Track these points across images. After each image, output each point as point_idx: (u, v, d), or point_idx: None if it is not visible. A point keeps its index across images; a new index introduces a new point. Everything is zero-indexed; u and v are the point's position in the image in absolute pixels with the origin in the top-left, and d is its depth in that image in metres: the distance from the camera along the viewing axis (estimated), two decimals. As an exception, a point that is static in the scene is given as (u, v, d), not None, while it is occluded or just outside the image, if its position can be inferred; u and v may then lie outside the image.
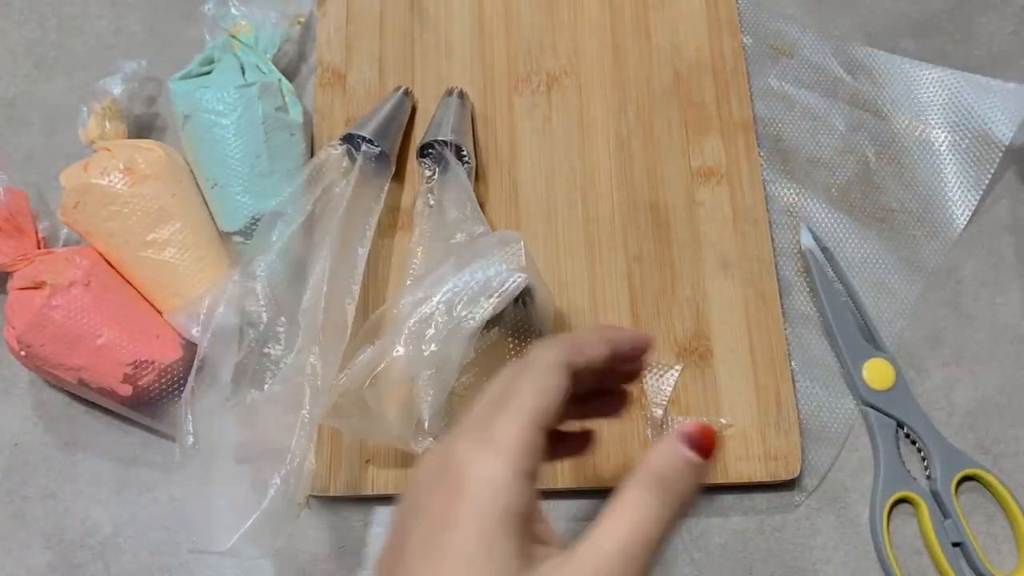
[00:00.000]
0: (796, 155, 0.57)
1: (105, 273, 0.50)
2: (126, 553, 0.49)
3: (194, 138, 0.52)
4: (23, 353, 0.48)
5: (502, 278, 0.44)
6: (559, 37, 0.59)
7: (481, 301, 0.44)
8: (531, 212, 0.54)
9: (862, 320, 0.52)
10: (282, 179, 0.52)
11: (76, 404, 0.52)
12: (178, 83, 0.53)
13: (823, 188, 0.56)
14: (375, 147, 0.52)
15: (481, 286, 0.44)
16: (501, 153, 0.56)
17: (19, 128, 0.58)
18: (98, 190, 0.50)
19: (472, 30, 0.59)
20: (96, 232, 0.50)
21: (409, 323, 0.44)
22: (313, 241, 0.50)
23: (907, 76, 0.57)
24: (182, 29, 0.61)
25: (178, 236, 0.50)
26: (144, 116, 0.58)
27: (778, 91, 0.58)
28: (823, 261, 0.53)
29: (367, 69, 0.58)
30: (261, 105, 0.52)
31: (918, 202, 0.55)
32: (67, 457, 0.51)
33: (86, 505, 0.50)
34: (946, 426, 0.50)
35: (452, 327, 0.43)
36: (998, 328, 0.53)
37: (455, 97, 0.55)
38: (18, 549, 0.49)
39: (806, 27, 0.60)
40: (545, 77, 0.58)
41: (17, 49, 0.61)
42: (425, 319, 0.44)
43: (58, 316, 0.47)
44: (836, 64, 0.59)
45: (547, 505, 0.49)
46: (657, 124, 0.56)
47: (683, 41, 0.58)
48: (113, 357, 0.48)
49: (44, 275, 0.48)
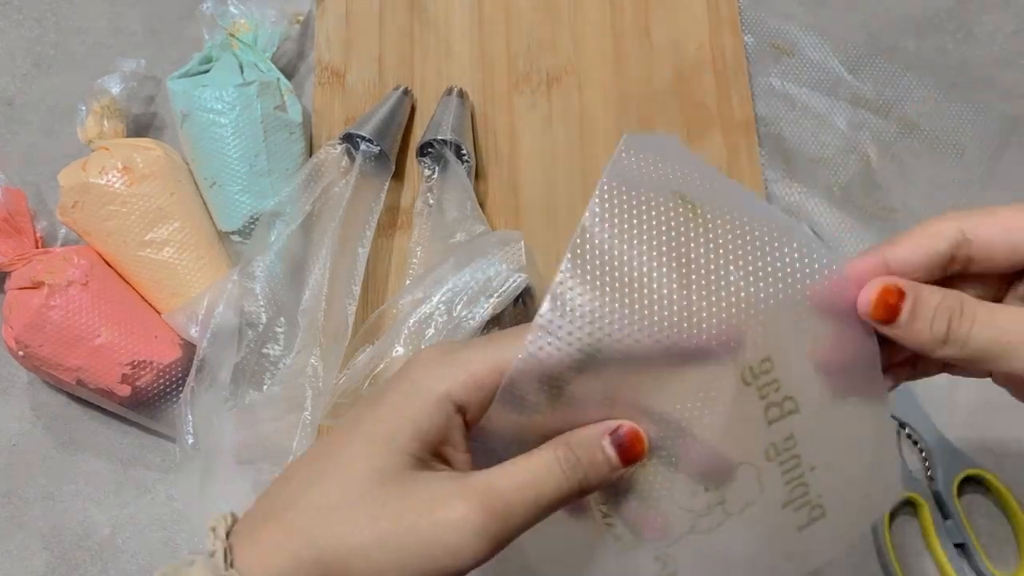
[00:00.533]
0: (797, 154, 0.57)
1: (104, 273, 0.50)
2: (124, 554, 0.49)
3: (193, 137, 0.52)
4: (21, 353, 0.48)
5: (502, 278, 0.43)
6: (559, 36, 0.58)
7: (481, 301, 0.44)
8: (531, 212, 0.54)
9: (863, 320, 0.52)
10: (281, 178, 0.52)
11: (74, 404, 0.52)
12: (177, 82, 0.53)
13: (825, 187, 0.56)
14: (374, 146, 0.52)
15: (481, 286, 0.44)
16: (501, 152, 0.56)
17: (18, 127, 0.58)
18: (97, 189, 0.49)
19: (472, 29, 0.59)
20: (95, 232, 0.50)
21: (409, 323, 0.44)
22: (312, 241, 0.50)
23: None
24: (181, 28, 0.61)
25: (177, 236, 0.50)
26: (143, 115, 0.58)
27: (779, 90, 0.58)
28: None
29: (366, 68, 0.58)
30: (260, 104, 0.52)
31: (920, 201, 0.55)
32: (65, 458, 0.51)
33: (84, 506, 0.50)
34: (948, 426, 0.50)
35: (452, 327, 0.43)
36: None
37: (455, 96, 0.55)
38: (16, 550, 0.49)
39: (807, 26, 0.60)
40: (545, 76, 0.57)
41: (16, 48, 0.60)
42: (425, 319, 0.44)
43: (56, 316, 0.47)
44: (837, 63, 0.58)
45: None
46: (658, 123, 0.56)
47: (684, 40, 0.58)
48: (111, 357, 0.47)
49: (42, 275, 0.48)
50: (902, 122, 0.57)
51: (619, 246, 0.27)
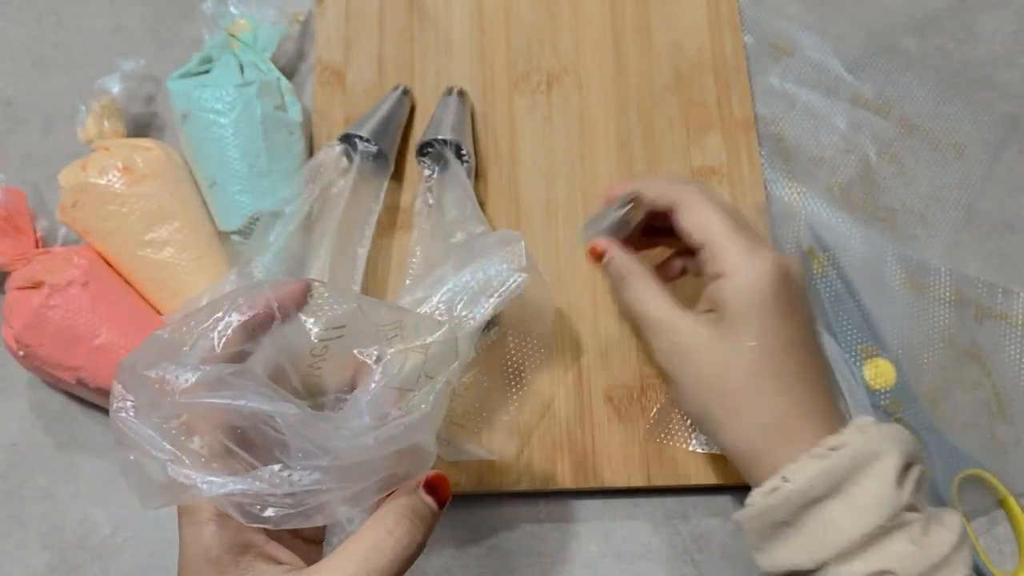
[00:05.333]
0: (797, 154, 0.57)
1: (103, 273, 0.50)
2: (124, 553, 0.49)
3: (192, 137, 0.52)
4: (21, 353, 0.48)
5: (502, 278, 0.43)
6: (559, 35, 0.58)
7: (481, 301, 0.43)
8: (531, 212, 0.54)
9: (863, 320, 0.52)
10: (281, 178, 0.52)
11: (74, 404, 0.52)
12: (177, 82, 0.53)
13: (824, 187, 0.56)
14: (373, 146, 0.52)
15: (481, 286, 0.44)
16: (501, 152, 0.56)
17: (17, 127, 0.58)
18: (96, 189, 0.49)
19: (472, 28, 0.59)
20: (94, 231, 0.50)
21: (409, 323, 0.44)
22: (312, 241, 0.50)
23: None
24: (181, 28, 0.61)
25: (176, 236, 0.50)
26: (142, 115, 0.58)
27: (779, 90, 0.58)
28: (825, 261, 0.53)
29: (366, 68, 0.58)
30: (260, 104, 0.52)
31: (920, 201, 0.55)
32: (65, 457, 0.51)
33: (84, 505, 0.50)
34: (948, 426, 0.50)
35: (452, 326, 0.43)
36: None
37: (455, 96, 0.55)
38: (16, 550, 0.49)
39: (807, 26, 0.60)
40: (545, 76, 0.57)
41: (15, 48, 0.60)
42: (425, 319, 0.44)
43: (56, 316, 0.47)
44: (837, 63, 0.58)
45: (548, 506, 0.49)
46: (658, 123, 0.56)
47: (684, 40, 0.58)
48: (111, 357, 0.47)
49: (42, 275, 0.48)
50: (902, 122, 0.57)
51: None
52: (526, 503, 0.49)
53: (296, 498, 0.30)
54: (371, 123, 0.52)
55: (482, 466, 0.48)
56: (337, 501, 0.30)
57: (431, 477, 0.33)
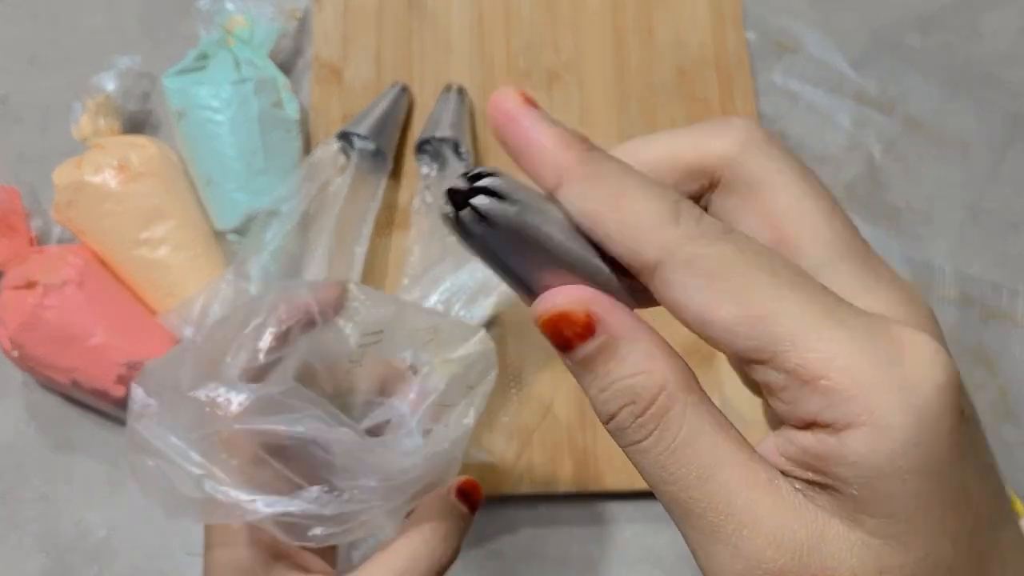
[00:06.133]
0: (801, 152, 0.56)
1: (99, 272, 0.49)
2: (120, 556, 0.48)
3: (188, 135, 0.52)
4: (16, 353, 0.48)
5: (501, 277, 0.43)
6: (560, 33, 0.58)
7: (480, 300, 0.43)
8: (531, 210, 0.54)
9: (867, 320, 0.52)
10: (278, 176, 0.51)
11: (69, 405, 0.51)
12: (172, 79, 0.53)
13: (828, 185, 0.55)
14: (371, 144, 0.51)
15: (480, 285, 0.43)
16: (500, 150, 0.55)
17: (11, 125, 0.58)
18: (91, 188, 0.49)
19: (471, 25, 0.58)
20: (89, 230, 0.50)
21: (407, 323, 0.43)
22: (309, 239, 0.50)
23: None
24: (176, 24, 0.60)
25: (172, 234, 0.49)
26: (138, 113, 0.57)
27: (783, 87, 0.57)
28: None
29: (364, 65, 0.57)
30: (257, 101, 0.51)
31: (924, 200, 0.55)
32: (60, 459, 0.51)
33: (80, 507, 0.50)
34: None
35: (451, 327, 0.43)
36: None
37: (454, 93, 0.54)
38: (11, 552, 0.49)
39: (811, 22, 0.59)
40: (546, 73, 0.57)
41: (10, 45, 0.60)
42: (423, 319, 0.43)
43: (51, 316, 0.47)
44: (841, 60, 0.58)
45: (548, 509, 0.49)
46: (660, 121, 0.56)
47: (686, 36, 0.57)
48: (107, 357, 0.47)
49: (37, 274, 0.48)
50: (906, 120, 0.57)
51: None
52: (526, 505, 0.49)
53: (343, 516, 0.29)
54: (369, 121, 0.52)
55: (482, 469, 0.48)
56: (379, 516, 0.30)
57: (463, 483, 0.33)
